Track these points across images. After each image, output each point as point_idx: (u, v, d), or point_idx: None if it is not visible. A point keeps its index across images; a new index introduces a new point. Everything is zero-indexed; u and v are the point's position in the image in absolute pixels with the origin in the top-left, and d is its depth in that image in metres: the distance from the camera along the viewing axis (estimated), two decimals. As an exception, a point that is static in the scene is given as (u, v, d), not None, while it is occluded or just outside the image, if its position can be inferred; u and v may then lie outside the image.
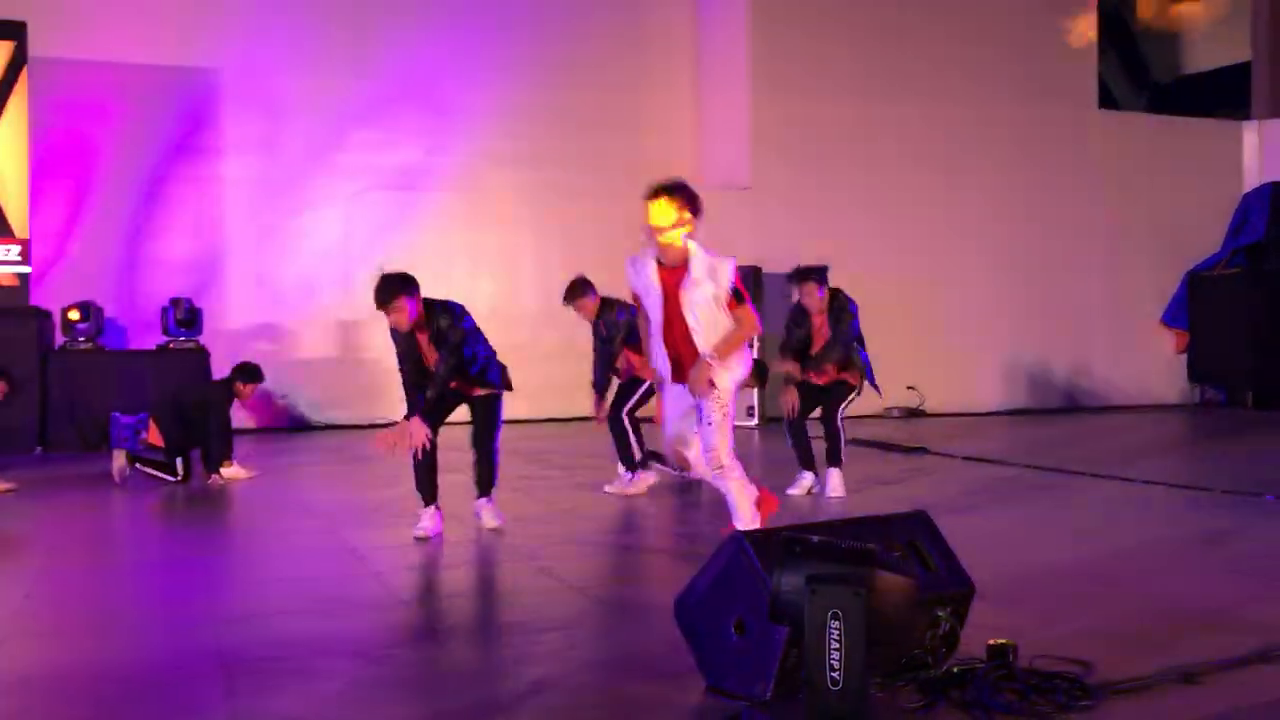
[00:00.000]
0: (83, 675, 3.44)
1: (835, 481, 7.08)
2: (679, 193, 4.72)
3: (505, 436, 6.07)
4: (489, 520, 5.86)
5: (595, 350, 7.42)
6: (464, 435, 5.92)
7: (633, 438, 7.34)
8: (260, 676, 3.36)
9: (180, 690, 3.23)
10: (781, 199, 13.45)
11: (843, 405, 7.17)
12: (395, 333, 5.66)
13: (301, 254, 12.46)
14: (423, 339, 5.68)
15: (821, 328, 7.17)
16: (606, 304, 7.39)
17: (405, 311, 5.52)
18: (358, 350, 12.59)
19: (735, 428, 4.94)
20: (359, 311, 12.51)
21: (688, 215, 4.71)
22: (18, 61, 10.91)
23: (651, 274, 4.82)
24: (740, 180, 13.58)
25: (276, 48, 12.39)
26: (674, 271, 4.78)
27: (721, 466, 4.83)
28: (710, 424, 4.78)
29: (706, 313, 4.75)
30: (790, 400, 7.11)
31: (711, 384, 4.72)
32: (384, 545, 5.52)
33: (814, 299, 7.12)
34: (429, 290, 5.71)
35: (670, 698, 3.12)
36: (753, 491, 4.99)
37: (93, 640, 3.96)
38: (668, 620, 3.32)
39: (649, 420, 7.75)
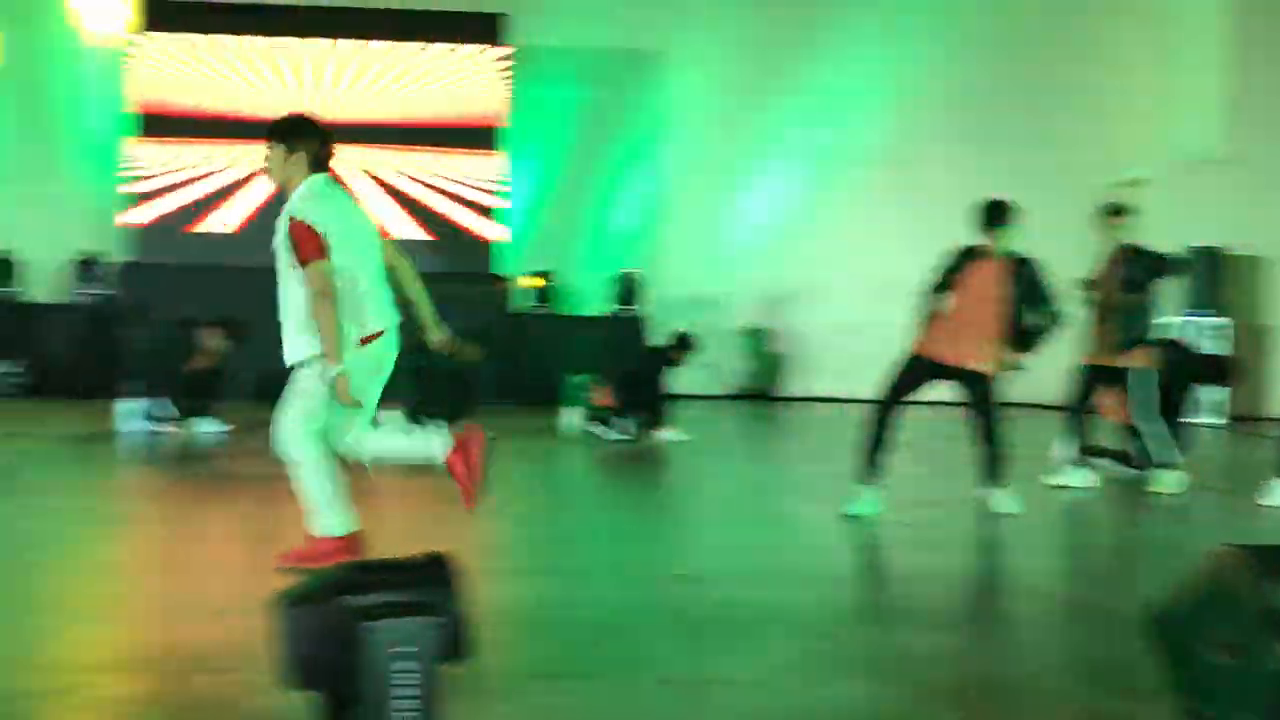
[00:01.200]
0: (549, 614, 3.70)
1: None
2: (275, 133, 4.05)
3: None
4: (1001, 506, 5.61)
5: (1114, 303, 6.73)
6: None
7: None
8: (711, 638, 3.45)
9: (640, 638, 3.39)
10: (1262, 173, 12.02)
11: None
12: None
13: (736, 229, 12.78)
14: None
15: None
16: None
17: None
18: (786, 324, 12.80)
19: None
20: (787, 285, 12.72)
21: (283, 152, 4.03)
22: (499, 49, 12.07)
23: None
24: (1212, 153, 12.30)
25: (722, 31, 12.78)
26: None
27: (284, 453, 4.02)
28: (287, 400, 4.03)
29: (281, 275, 4.00)
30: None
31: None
32: (814, 519, 5.53)
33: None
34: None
35: (1140, 716, 2.87)
36: (328, 491, 3.99)
37: (554, 582, 4.26)
38: (1130, 628, 3.06)
39: (1091, 411, 7.23)
